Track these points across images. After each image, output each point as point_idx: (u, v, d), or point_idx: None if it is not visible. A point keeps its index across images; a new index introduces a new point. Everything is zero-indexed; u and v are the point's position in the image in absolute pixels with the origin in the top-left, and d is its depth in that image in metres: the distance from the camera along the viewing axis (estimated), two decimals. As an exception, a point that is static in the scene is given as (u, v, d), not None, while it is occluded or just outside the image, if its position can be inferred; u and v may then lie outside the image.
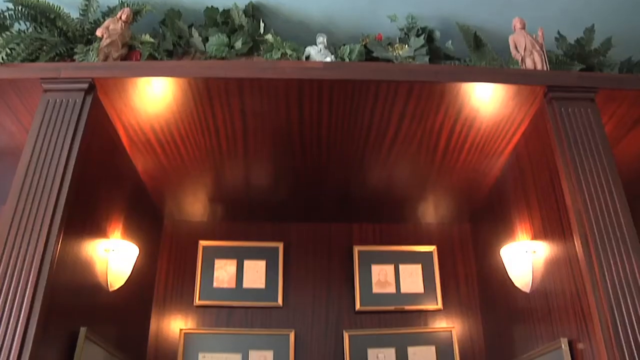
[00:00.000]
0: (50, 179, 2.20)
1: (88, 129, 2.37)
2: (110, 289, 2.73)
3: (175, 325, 3.39)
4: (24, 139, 2.49)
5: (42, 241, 2.08)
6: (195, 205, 3.54)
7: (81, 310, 2.41)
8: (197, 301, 3.45)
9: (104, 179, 2.66)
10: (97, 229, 2.60)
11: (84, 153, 2.34)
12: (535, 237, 2.69)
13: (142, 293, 3.28)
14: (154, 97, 2.54)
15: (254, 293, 3.50)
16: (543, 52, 2.74)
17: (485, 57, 2.95)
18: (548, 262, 2.55)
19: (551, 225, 2.51)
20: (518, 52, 2.79)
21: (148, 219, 3.40)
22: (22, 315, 1.96)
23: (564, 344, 2.33)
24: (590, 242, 2.19)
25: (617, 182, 2.31)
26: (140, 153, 2.94)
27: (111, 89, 2.48)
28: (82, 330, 2.34)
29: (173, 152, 2.94)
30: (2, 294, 1.99)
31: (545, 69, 2.70)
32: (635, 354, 2.01)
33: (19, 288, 2.00)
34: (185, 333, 3.35)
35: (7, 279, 2.01)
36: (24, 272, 2.03)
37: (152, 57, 2.84)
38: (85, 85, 2.41)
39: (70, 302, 2.31)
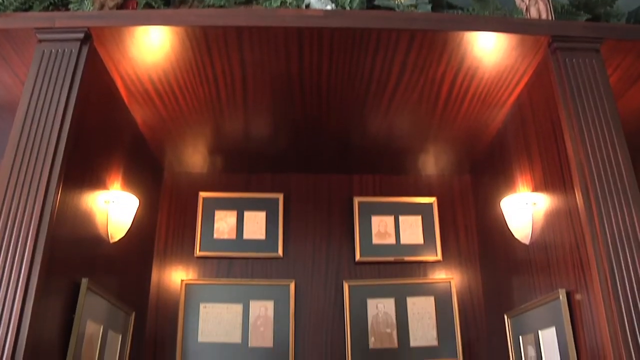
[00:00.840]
0: (47, 130, 2.18)
1: (85, 79, 2.33)
2: (111, 241, 2.74)
3: (176, 276, 3.42)
4: (20, 91, 2.46)
5: (42, 193, 2.07)
6: (195, 157, 3.53)
7: (82, 261, 2.43)
8: (197, 252, 3.47)
9: (102, 130, 2.63)
10: (96, 181, 2.59)
11: (81, 104, 2.31)
12: (535, 188, 2.69)
13: (142, 244, 3.30)
14: (151, 47, 2.49)
15: (254, 244, 3.52)
16: (548, 1, 2.68)
17: (488, 6, 2.88)
18: (548, 214, 2.55)
19: (552, 177, 2.50)
20: (523, 1, 2.73)
21: (148, 170, 3.39)
22: (23, 267, 1.97)
23: (562, 295, 2.35)
24: (591, 193, 2.18)
25: (619, 134, 2.29)
26: (139, 104, 2.91)
27: (107, 38, 2.43)
28: (84, 281, 2.35)
29: (172, 103, 2.91)
30: (3, 246, 2.00)
31: (550, 18, 2.64)
32: (632, 305, 2.03)
33: (20, 240, 2.00)
34: (186, 284, 3.38)
35: (7, 231, 2.02)
36: (24, 224, 2.03)
37: (148, 5, 2.77)
38: (81, 35, 2.36)
39: (71, 254, 2.32)
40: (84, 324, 2.39)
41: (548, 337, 2.50)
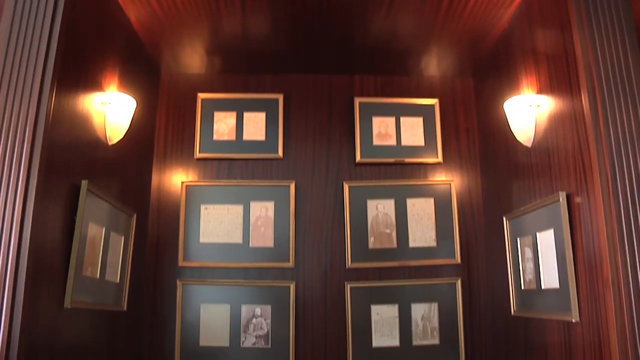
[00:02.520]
0: (37, 31, 2.11)
1: (74, -25, 2.23)
2: (110, 143, 2.71)
3: (176, 178, 3.42)
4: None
5: (35, 96, 2.03)
6: (192, 57, 3.44)
7: (81, 164, 2.41)
8: (197, 154, 3.46)
9: (95, 30, 2.54)
10: (92, 82, 2.53)
11: (71, 3, 2.22)
12: (540, 90, 2.63)
13: (142, 147, 3.28)
14: (142, -60, 2.37)
15: (254, 145, 3.50)
16: None
17: None
18: (552, 117, 2.52)
19: (558, 79, 2.44)
20: None
21: (145, 71, 3.31)
22: (22, 171, 1.96)
23: (562, 197, 2.35)
24: (598, 96, 2.14)
25: (631, 37, 2.21)
26: (132, 2, 2.80)
27: None
28: (84, 183, 2.35)
29: (167, 0, 2.80)
30: (0, 151, 1.98)
31: None
32: (631, 209, 2.03)
33: (17, 144, 1.98)
34: (186, 186, 3.39)
35: (3, 136, 1.99)
36: (19, 128, 2.00)
37: None
38: None
39: (69, 157, 2.30)
40: (86, 226, 2.41)
41: (546, 239, 2.53)
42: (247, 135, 3.51)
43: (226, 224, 3.36)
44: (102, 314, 2.69)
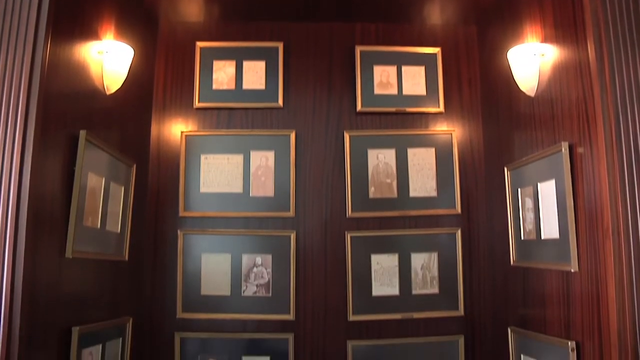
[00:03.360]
0: (30, -24, 2.05)
1: None
2: (107, 93, 2.68)
3: (176, 128, 3.40)
4: None
5: (30, 45, 2.00)
6: (190, 5, 3.36)
7: (79, 114, 2.39)
8: (196, 103, 3.42)
9: (90, -25, 2.49)
10: (88, 31, 2.49)
11: (65, -54, 2.16)
12: (545, 39, 2.59)
13: (140, 97, 3.24)
14: None
15: (253, 94, 3.46)
16: None
17: None
18: (556, 66, 2.48)
19: (564, 27, 2.39)
20: None
21: (142, 20, 3.25)
22: (18, 122, 1.95)
23: (564, 147, 2.34)
24: (604, 45, 2.10)
25: (640, -18, 2.15)
26: (127, -54, 2.73)
27: None
28: (82, 133, 2.34)
29: (163, -55, 2.73)
30: (-5, 102, 1.96)
31: None
32: (633, 159, 2.02)
33: (12, 95, 1.96)
34: (186, 135, 3.37)
35: (-3, 87, 1.97)
36: (14, 78, 1.97)
37: None
38: None
39: (67, 107, 2.28)
40: (85, 176, 2.40)
41: (547, 190, 2.53)
42: (246, 84, 3.47)
43: (226, 173, 3.35)
44: (103, 263, 2.71)
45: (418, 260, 3.32)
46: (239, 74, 3.47)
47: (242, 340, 3.22)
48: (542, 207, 2.58)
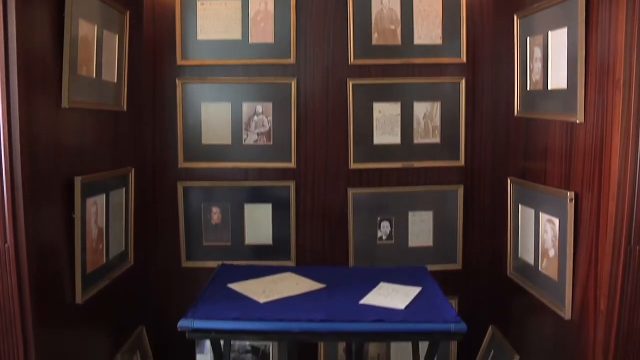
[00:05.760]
0: None
1: None
2: None
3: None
4: None
5: None
6: None
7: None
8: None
9: None
10: None
11: None
12: None
13: None
14: None
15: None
16: None
17: None
18: None
19: None
20: None
21: None
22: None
23: (581, -6, 2.21)
24: None
25: None
26: None
27: None
28: (70, -23, 2.20)
29: None
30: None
31: None
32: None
33: None
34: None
35: None
36: None
37: None
38: None
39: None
40: (77, 24, 2.30)
41: (558, 39, 2.43)
42: None
43: (224, 19, 3.21)
44: (102, 114, 2.68)
45: (420, 109, 3.28)
46: None
47: (244, 189, 3.28)
48: (552, 57, 2.49)
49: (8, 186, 1.88)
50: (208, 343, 3.13)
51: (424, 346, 2.26)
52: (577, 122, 2.25)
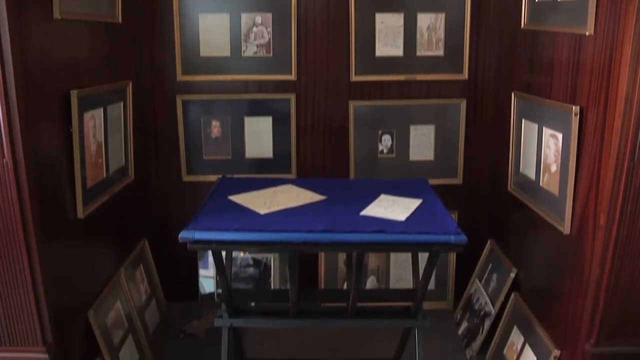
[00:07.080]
0: None
1: None
2: None
3: None
4: None
5: None
6: None
7: None
8: None
9: None
10: None
11: None
12: None
13: None
14: None
15: None
16: None
17: None
18: None
19: None
20: None
21: None
22: None
23: None
24: None
25: None
26: None
27: None
28: None
29: None
30: None
31: None
32: None
33: None
34: None
35: None
36: None
37: None
38: None
39: None
40: None
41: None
42: None
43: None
44: (96, 25, 2.61)
45: (424, 20, 3.18)
46: None
47: (243, 101, 3.24)
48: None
49: (2, 100, 1.84)
50: (210, 258, 3.19)
51: (423, 258, 2.27)
52: (587, 34, 2.18)
